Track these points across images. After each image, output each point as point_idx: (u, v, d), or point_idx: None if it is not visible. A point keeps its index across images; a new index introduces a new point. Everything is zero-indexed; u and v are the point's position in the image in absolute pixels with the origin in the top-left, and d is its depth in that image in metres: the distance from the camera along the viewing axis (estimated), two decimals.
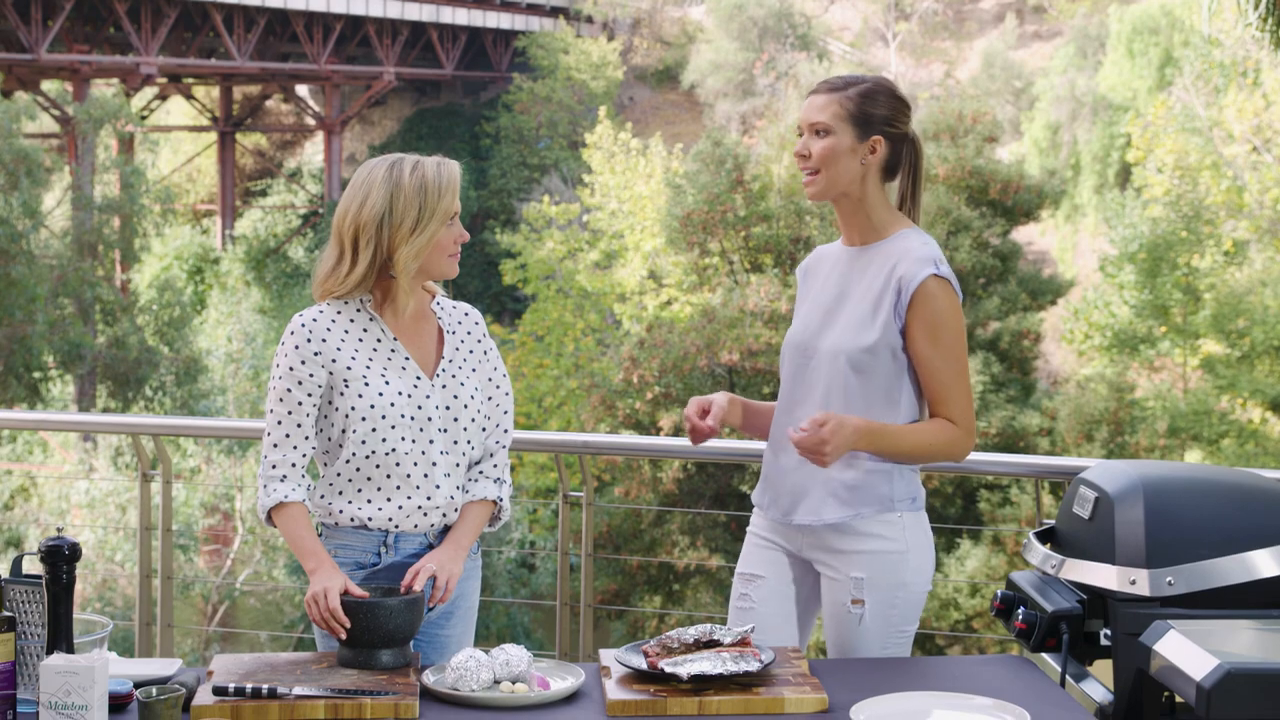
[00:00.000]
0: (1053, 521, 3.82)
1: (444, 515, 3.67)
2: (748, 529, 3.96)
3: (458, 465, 3.69)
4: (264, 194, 42.87)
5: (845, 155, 3.68)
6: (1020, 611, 3.56)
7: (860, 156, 3.69)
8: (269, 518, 3.61)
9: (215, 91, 42.35)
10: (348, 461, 3.62)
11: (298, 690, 3.11)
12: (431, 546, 3.68)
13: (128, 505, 19.56)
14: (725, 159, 23.08)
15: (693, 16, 43.48)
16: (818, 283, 3.86)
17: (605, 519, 18.45)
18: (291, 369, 3.60)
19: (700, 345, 19.85)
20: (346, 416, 3.59)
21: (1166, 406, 22.65)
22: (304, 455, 3.62)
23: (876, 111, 3.70)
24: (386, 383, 3.60)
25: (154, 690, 2.88)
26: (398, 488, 3.62)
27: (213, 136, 42.29)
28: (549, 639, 19.50)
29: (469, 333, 3.79)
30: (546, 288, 30.35)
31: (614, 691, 3.17)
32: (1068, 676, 3.49)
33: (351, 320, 3.65)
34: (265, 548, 20.56)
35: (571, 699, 3.20)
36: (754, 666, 3.19)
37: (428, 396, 3.64)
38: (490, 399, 3.78)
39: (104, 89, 34.87)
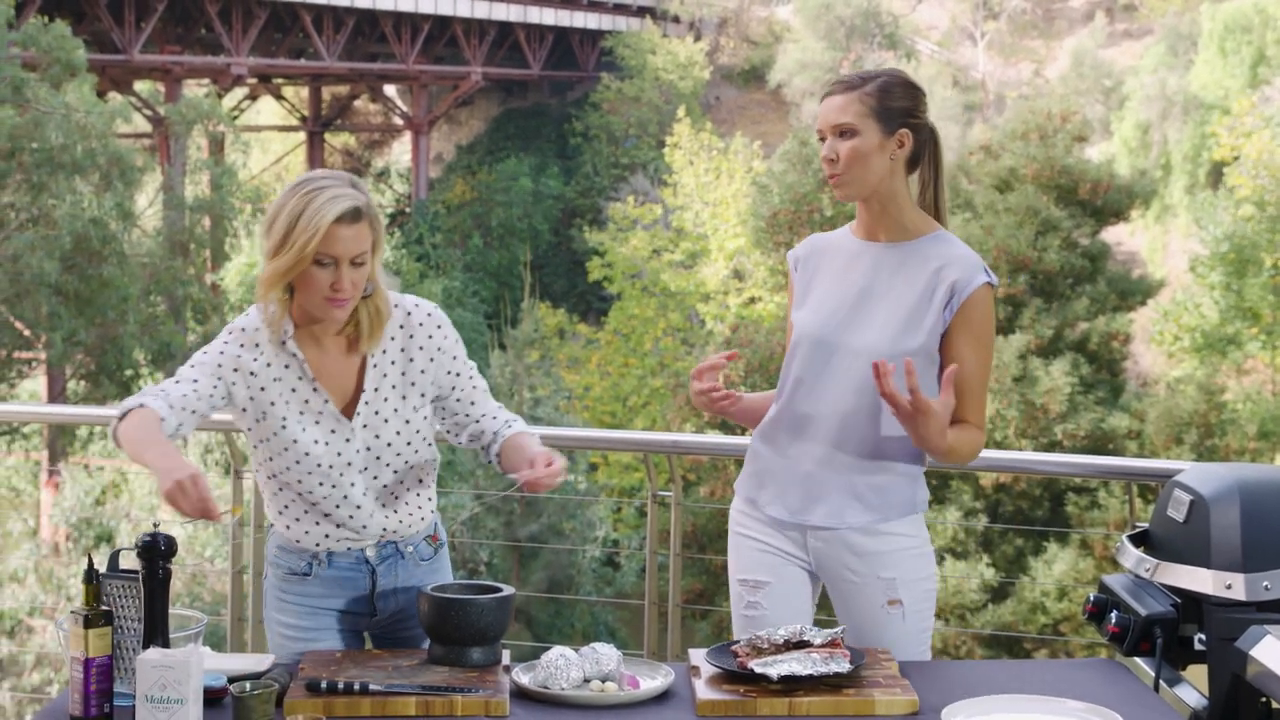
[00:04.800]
0: (1146, 524, 3.78)
1: (381, 533, 3.58)
2: (734, 526, 3.81)
3: (389, 493, 3.57)
4: None
5: (874, 153, 3.58)
6: (1113, 615, 3.53)
7: (889, 152, 3.59)
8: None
9: (304, 91, 42.72)
10: (273, 478, 3.60)
11: (389, 686, 3.13)
12: (367, 562, 3.57)
13: (219, 501, 19.74)
14: (812, 158, 23.02)
15: (779, 16, 43.42)
16: (827, 274, 3.73)
17: (690, 519, 18.43)
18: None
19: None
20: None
21: (1257, 409, 22.39)
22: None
23: (897, 104, 3.61)
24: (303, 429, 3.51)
25: (248, 685, 2.91)
26: (326, 515, 3.55)
27: (302, 136, 42.66)
28: (633, 638, 19.51)
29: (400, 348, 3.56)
30: (631, 286, 30.40)
31: (704, 691, 3.16)
32: (1161, 681, 3.46)
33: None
34: None
35: (661, 698, 3.20)
36: (844, 667, 3.17)
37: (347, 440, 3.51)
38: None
39: (195, 89, 35.25)
